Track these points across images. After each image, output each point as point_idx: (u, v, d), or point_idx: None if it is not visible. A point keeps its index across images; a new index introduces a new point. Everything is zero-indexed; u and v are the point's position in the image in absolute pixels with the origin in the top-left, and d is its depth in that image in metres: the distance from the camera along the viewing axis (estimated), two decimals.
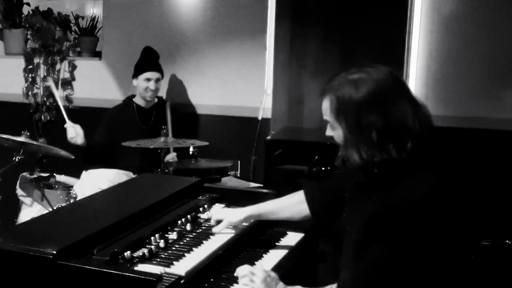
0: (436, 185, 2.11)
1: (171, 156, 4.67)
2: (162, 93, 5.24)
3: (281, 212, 2.71)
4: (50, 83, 5.05)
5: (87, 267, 2.07)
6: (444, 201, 2.12)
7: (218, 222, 2.74)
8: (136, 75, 4.86)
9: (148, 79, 4.80)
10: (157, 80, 4.83)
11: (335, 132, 2.19)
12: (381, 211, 2.06)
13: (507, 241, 3.92)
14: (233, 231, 2.71)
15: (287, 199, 2.72)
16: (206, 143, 4.37)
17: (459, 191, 4.20)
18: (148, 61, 4.90)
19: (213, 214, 2.80)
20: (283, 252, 2.73)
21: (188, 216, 2.77)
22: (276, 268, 2.52)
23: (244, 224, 2.76)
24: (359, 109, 2.08)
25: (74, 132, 4.40)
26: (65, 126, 4.44)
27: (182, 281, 2.17)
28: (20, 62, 5.73)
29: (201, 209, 2.93)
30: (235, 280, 2.36)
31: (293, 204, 2.67)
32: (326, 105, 2.18)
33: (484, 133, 4.64)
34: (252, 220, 2.77)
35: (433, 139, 2.15)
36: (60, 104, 4.57)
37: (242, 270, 2.37)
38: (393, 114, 2.06)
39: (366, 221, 2.08)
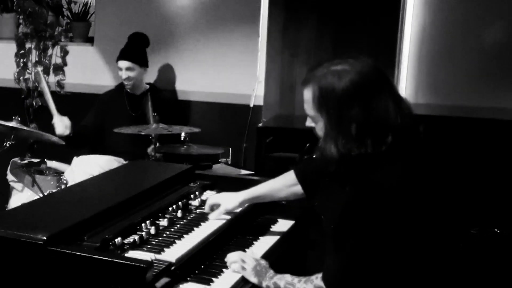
0: (404, 173, 2.10)
1: (150, 149, 4.47)
2: (153, 80, 5.23)
3: (276, 195, 2.72)
4: (39, 73, 5.01)
5: (77, 253, 2.06)
6: (414, 187, 2.12)
7: (212, 207, 2.75)
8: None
9: (120, 68, 4.76)
10: (129, 69, 4.73)
11: (316, 124, 2.17)
12: (354, 200, 2.05)
13: (495, 229, 3.95)
14: (225, 217, 2.71)
15: (280, 181, 2.72)
16: (198, 130, 4.37)
17: (446, 180, 4.23)
18: (124, 49, 4.83)
19: (208, 199, 2.80)
20: (274, 239, 2.74)
21: (179, 203, 2.78)
22: (266, 255, 2.53)
23: (239, 208, 2.76)
24: (341, 100, 2.06)
25: (63, 127, 4.39)
26: (52, 122, 4.43)
27: (172, 268, 2.18)
28: (12, 47, 5.69)
29: (192, 196, 2.94)
30: (225, 266, 2.37)
31: (287, 186, 2.68)
32: (308, 95, 2.15)
33: (476, 122, 4.65)
34: (246, 204, 2.78)
35: (414, 131, 2.14)
36: (49, 96, 4.53)
37: (232, 257, 2.38)
38: (375, 108, 2.05)
39: (341, 211, 2.08)
